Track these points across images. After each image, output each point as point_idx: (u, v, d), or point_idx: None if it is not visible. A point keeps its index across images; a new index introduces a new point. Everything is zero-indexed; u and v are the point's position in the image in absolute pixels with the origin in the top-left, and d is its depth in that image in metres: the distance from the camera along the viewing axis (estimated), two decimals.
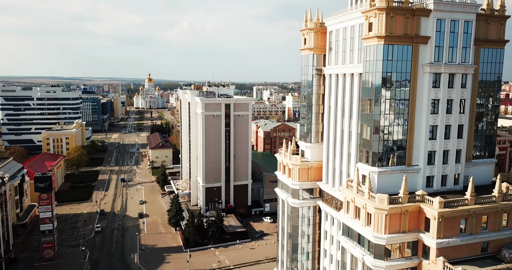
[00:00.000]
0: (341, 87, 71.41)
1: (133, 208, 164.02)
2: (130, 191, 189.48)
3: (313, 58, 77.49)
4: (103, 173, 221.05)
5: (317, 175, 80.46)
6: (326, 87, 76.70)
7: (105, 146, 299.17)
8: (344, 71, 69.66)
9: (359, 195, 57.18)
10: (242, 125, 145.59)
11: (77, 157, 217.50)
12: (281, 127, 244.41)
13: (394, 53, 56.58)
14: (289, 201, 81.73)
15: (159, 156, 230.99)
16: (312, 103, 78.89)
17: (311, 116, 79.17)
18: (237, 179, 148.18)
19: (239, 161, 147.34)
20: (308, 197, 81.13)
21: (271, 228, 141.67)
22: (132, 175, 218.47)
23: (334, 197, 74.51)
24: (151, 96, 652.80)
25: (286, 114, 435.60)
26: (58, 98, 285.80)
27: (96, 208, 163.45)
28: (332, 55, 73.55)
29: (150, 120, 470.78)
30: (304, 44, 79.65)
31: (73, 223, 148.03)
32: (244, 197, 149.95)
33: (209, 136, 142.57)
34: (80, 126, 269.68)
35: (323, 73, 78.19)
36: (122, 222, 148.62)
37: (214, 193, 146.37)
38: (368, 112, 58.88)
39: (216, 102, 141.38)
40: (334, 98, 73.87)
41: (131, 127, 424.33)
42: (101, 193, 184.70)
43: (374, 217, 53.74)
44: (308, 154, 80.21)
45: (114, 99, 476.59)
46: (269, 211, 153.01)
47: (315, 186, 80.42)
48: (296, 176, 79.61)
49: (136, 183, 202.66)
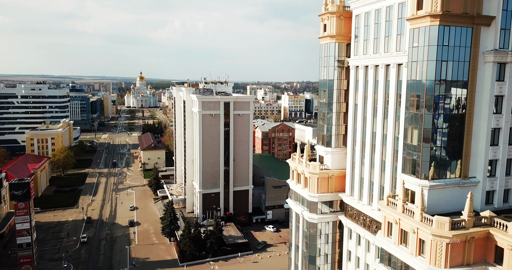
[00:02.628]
0: (372, 81, 59.63)
1: (123, 215, 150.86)
2: (120, 195, 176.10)
3: (335, 47, 65.60)
4: (91, 176, 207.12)
5: (339, 185, 68.67)
6: (351, 81, 64.88)
7: (94, 147, 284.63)
8: (377, 62, 57.87)
9: (407, 216, 45.42)
10: (242, 125, 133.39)
11: (63, 159, 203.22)
12: (280, 127, 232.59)
13: (451, 37, 44.91)
14: (305, 216, 69.81)
15: (151, 157, 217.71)
16: (333, 101, 67.01)
17: (332, 116, 67.30)
18: (237, 184, 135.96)
19: (239, 164, 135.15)
20: (327, 211, 69.29)
21: (274, 238, 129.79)
22: (123, 178, 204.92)
23: (361, 213, 62.75)
24: (143, 95, 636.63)
25: (282, 114, 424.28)
26: (43, 96, 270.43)
27: (83, 215, 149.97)
28: (360, 44, 61.72)
29: (142, 119, 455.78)
30: (323, 31, 67.68)
31: (56, 233, 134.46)
32: (245, 204, 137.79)
33: (207, 137, 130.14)
34: (67, 126, 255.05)
35: (345, 66, 66.43)
36: (110, 231, 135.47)
37: (212, 199, 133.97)
38: (416, 111, 47.13)
39: (214, 100, 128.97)
40: (362, 95, 62.08)
41: (122, 126, 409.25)
42: (89, 198, 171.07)
43: (431, 245, 42.01)
44: (328, 160, 68.33)
45: (105, 97, 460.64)
46: (271, 219, 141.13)
47: (337, 198, 68.61)
48: (314, 187, 67.68)
49: (127, 187, 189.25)
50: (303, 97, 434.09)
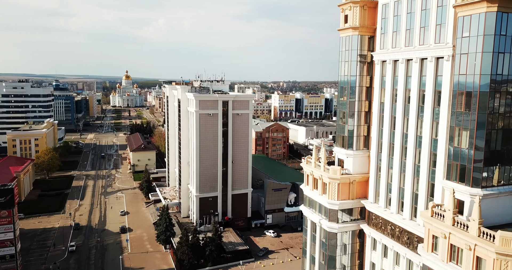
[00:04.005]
0: (402, 77, 53.91)
1: (114, 221, 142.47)
2: (110, 199, 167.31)
3: (358, 40, 59.71)
4: (77, 179, 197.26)
5: (360, 191, 62.91)
6: (376, 77, 59.12)
7: (80, 148, 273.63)
8: (409, 56, 52.17)
9: (459, 230, 39.74)
10: (241, 125, 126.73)
11: (47, 161, 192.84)
12: (274, 127, 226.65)
13: (510, 26, 39.42)
14: (323, 225, 63.79)
15: (141, 159, 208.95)
16: (355, 99, 61.14)
17: (354, 116, 61.41)
18: (235, 187, 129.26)
19: (238, 166, 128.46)
20: (348, 219, 63.42)
21: (275, 244, 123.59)
22: (111, 181, 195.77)
23: (389, 222, 57.01)
24: (129, 94, 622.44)
25: (272, 113, 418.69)
26: (26, 95, 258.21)
27: (70, 221, 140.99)
28: (388, 36, 55.96)
29: (129, 119, 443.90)
30: (344, 22, 61.72)
31: (42, 241, 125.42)
32: (243, 208, 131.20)
33: (204, 138, 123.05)
34: (51, 126, 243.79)
35: (368, 61, 60.66)
36: (101, 239, 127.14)
37: (210, 204, 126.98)
38: (465, 110, 41.51)
39: (212, 99, 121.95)
40: (390, 92, 56.34)
41: (108, 126, 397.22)
42: (76, 203, 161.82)
43: (493, 265, 36.39)
44: (349, 164, 62.43)
45: (90, 97, 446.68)
46: (271, 224, 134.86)
47: (358, 205, 62.83)
48: (334, 193, 61.70)
49: (116, 190, 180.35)
50: (293, 96, 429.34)
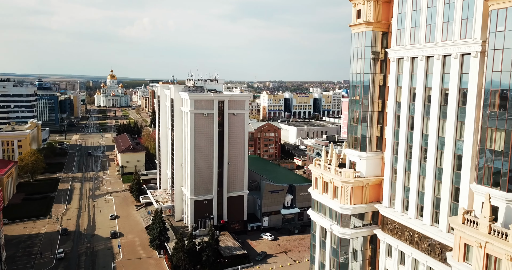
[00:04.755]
0: (422, 75, 51.12)
1: (103, 225, 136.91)
2: (98, 203, 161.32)
3: (372, 36, 56.74)
4: (63, 182, 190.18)
5: (373, 195, 60.04)
6: (392, 75, 56.24)
7: (65, 149, 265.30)
8: (430, 53, 49.40)
9: (498, 239, 36.98)
10: (237, 125, 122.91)
11: (32, 163, 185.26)
12: (266, 127, 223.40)
13: None
14: (335, 231, 60.65)
15: (130, 160, 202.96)
16: (368, 98, 58.17)
17: (368, 116, 58.44)
18: (231, 189, 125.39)
19: (233, 168, 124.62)
20: (360, 224, 60.44)
21: (273, 248, 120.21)
22: (99, 183, 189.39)
23: (406, 227, 54.17)
24: (114, 93, 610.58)
25: (261, 113, 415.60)
26: (8, 94, 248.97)
27: (57, 226, 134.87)
28: (405, 32, 53.08)
29: (114, 119, 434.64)
30: (356, 17, 58.72)
31: (27, 248, 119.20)
32: (239, 210, 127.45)
33: (199, 139, 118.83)
34: (35, 127, 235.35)
35: (381, 58, 57.78)
36: (91, 245, 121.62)
37: (205, 207, 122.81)
38: (501, 110, 38.79)
39: (207, 99, 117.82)
40: (407, 91, 53.52)
41: (93, 127, 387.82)
42: (63, 207, 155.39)
43: None
44: (362, 167, 59.45)
45: (74, 96, 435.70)
46: (267, 226, 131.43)
47: (371, 209, 59.93)
48: (347, 197, 58.63)
49: (105, 193, 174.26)
50: (282, 96, 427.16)
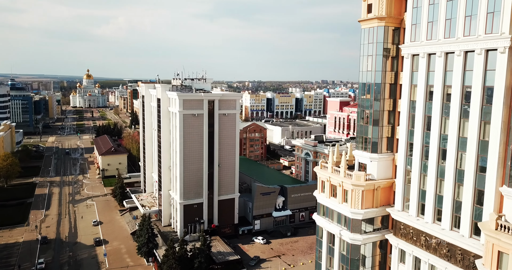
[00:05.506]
0: (440, 72, 48.64)
1: (86, 232, 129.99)
2: (79, 208, 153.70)
3: (384, 32, 53.98)
4: (41, 186, 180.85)
5: (384, 198, 57.40)
6: (405, 73, 53.61)
7: (41, 152, 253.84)
8: (450, 49, 46.95)
9: None
10: (228, 126, 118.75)
11: (6, 167, 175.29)
12: (252, 128, 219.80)
13: None
14: (345, 237, 57.62)
15: (112, 163, 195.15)
16: (380, 97, 55.42)
17: (379, 115, 55.67)
18: (222, 192, 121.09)
19: (224, 170, 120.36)
20: (370, 229, 57.64)
21: (266, 252, 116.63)
22: (79, 187, 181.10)
23: (422, 232, 51.61)
24: (91, 94, 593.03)
25: (243, 113, 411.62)
26: None
27: (36, 234, 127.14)
28: (422, 27, 50.52)
29: (92, 120, 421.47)
30: (367, 12, 55.87)
31: (4, 259, 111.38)
32: (230, 214, 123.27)
33: (188, 141, 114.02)
34: (8, 129, 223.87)
35: (392, 55, 55.15)
36: (73, 253, 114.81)
37: (195, 211, 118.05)
38: None
39: (197, 98, 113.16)
40: (423, 89, 50.97)
41: (70, 128, 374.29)
42: (41, 213, 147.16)
43: None
44: (373, 169, 56.65)
45: (49, 97, 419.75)
46: (259, 230, 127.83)
47: (382, 213, 57.21)
48: (358, 201, 55.68)
49: (85, 198, 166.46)
50: (265, 96, 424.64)
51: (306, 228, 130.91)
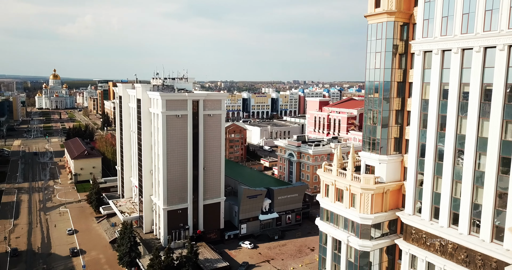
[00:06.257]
0: (456, 70, 46.44)
1: (61, 242, 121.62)
2: (51, 216, 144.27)
3: (393, 27, 51.37)
4: (8, 193, 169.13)
5: (393, 201, 54.93)
6: (417, 71, 51.20)
7: (6, 156, 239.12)
8: (468, 45, 44.80)
9: None
10: (213, 127, 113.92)
11: None
12: (231, 128, 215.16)
13: None
14: (353, 243, 54.63)
15: (85, 167, 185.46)
16: (389, 96, 52.81)
17: (388, 115, 53.04)
18: (207, 196, 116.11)
19: (210, 173, 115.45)
20: (378, 234, 54.96)
21: (254, 257, 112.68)
22: (50, 194, 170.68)
23: (437, 237, 49.31)
24: (58, 95, 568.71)
25: None
26: None
27: (5, 246, 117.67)
28: (435, 22, 48.20)
29: (60, 122, 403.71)
30: (375, 7, 53.13)
31: None
32: (216, 218, 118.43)
33: (172, 143, 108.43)
34: None
35: (400, 52, 52.68)
36: (47, 265, 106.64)
37: (179, 216, 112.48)
38: None
39: (181, 99, 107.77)
40: (437, 87, 48.66)
41: (36, 131, 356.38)
42: (9, 223, 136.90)
43: None
44: (381, 171, 53.98)
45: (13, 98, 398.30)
46: (245, 234, 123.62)
47: (392, 218, 54.65)
48: (367, 206, 52.84)
49: (58, 205, 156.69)
50: (240, 96, 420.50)
51: (293, 231, 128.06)
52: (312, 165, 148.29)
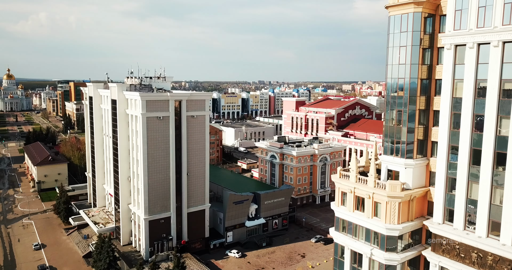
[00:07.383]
0: (496, 65, 42.32)
1: (26, 258, 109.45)
2: (14, 229, 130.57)
3: (420, 19, 46.75)
4: None
5: (418, 209, 50.47)
6: (447, 66, 46.79)
7: None
8: (510, 37, 40.74)
9: None
10: (197, 129, 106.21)
11: None
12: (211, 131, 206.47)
13: None
14: (377, 256, 49.55)
15: (49, 174, 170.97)
16: (415, 94, 48.15)
17: (414, 115, 48.39)
18: (191, 204, 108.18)
19: (194, 179, 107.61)
20: (403, 245, 50.24)
21: (243, 267, 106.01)
22: (11, 204, 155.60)
23: (474, 248, 45.12)
24: (12, 96, 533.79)
25: None
26: None
27: None
28: (469, 13, 43.91)
29: (17, 125, 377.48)
30: None
31: None
32: (201, 227, 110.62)
33: (153, 147, 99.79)
34: None
35: (424, 46, 48.24)
36: None
37: (161, 226, 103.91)
38: None
39: (162, 99, 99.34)
40: (472, 84, 44.44)
41: None
42: None
43: None
44: (407, 177, 49.26)
45: None
46: (232, 242, 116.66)
47: (418, 227, 50.11)
48: (394, 215, 47.95)
49: (20, 216, 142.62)
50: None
51: (281, 237, 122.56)
52: (296, 167, 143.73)
